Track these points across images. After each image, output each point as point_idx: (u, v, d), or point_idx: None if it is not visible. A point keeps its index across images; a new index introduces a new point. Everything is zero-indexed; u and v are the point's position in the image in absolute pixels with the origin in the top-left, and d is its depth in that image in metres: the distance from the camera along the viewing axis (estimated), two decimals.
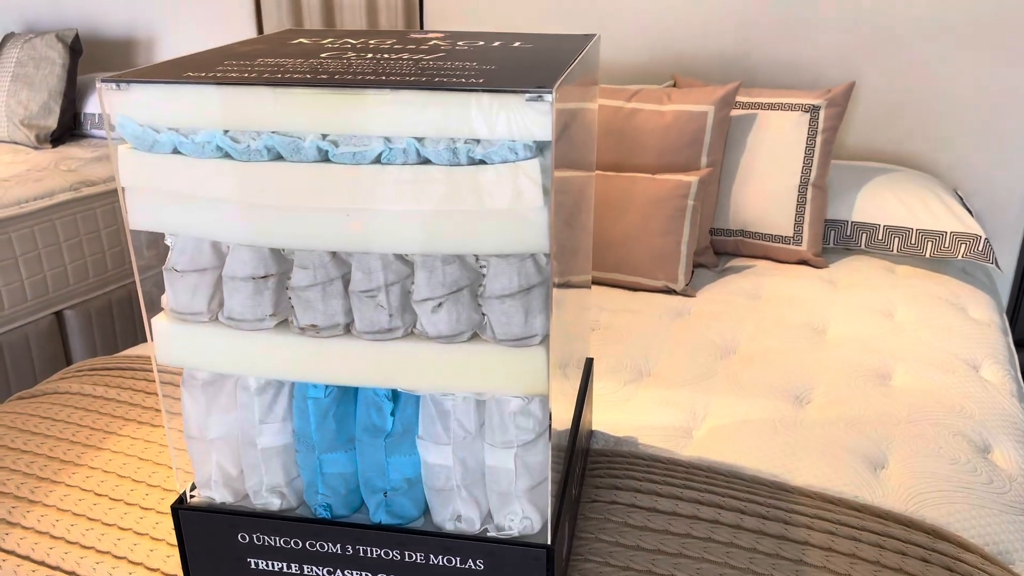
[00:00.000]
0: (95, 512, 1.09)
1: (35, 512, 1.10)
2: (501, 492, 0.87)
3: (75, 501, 1.11)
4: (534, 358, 0.80)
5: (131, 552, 1.03)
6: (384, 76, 0.75)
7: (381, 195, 0.75)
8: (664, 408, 1.35)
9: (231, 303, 0.83)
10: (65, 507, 1.10)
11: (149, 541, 1.05)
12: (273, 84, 0.73)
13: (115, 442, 1.25)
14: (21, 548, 1.04)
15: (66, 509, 1.10)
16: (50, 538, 1.06)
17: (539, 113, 0.70)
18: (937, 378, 1.45)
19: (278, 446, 0.90)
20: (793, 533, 1.03)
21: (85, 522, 1.08)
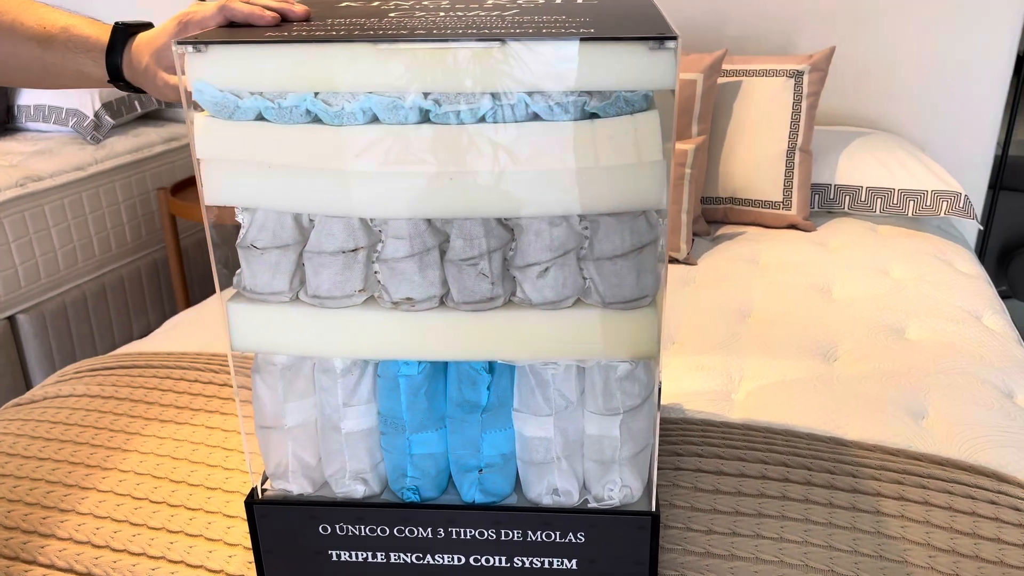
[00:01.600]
0: (138, 516, 1.02)
1: (71, 521, 1.02)
2: (602, 461, 0.84)
3: (113, 507, 1.04)
4: (645, 320, 0.78)
5: (188, 555, 0.96)
6: (486, 29, 0.71)
7: (489, 155, 0.71)
8: (699, 373, 1.35)
9: (317, 280, 0.78)
10: (103, 513, 1.03)
11: (205, 543, 0.98)
12: (374, 40, 0.69)
13: (141, 443, 1.17)
14: (61, 559, 0.97)
15: (104, 516, 1.03)
16: (92, 547, 0.98)
17: (663, 62, 0.68)
18: (949, 329, 1.49)
19: (363, 429, 0.86)
20: (863, 485, 1.04)
21: (129, 528, 1.01)
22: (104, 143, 2.63)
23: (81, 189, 2.49)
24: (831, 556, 0.92)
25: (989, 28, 2.19)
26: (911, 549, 0.93)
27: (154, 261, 2.76)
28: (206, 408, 1.26)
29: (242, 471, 1.10)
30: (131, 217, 2.66)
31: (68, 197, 2.45)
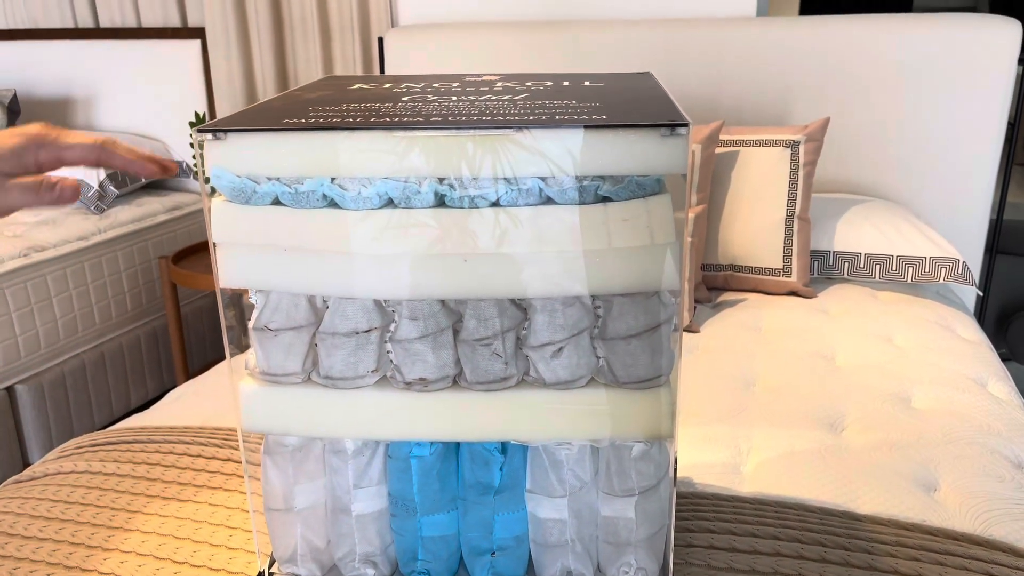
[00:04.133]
0: None
1: None
2: (617, 543, 0.83)
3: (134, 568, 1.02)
4: (659, 399, 0.78)
5: None
6: (500, 116, 0.72)
7: (503, 238, 0.72)
8: (707, 445, 1.33)
9: (330, 361, 0.78)
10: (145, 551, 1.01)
11: None
12: (390, 127, 0.70)
13: (143, 521, 1.15)
14: None
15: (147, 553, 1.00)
16: None
17: (675, 147, 0.69)
18: (955, 398, 1.49)
19: (373, 512, 0.84)
20: (880, 562, 1.02)
21: None
22: (108, 212, 2.65)
23: (84, 258, 2.50)
24: None
25: (980, 96, 2.24)
26: None
27: (154, 329, 2.76)
28: (209, 484, 1.24)
29: (246, 550, 1.08)
30: (132, 286, 2.67)
31: (71, 267, 2.46)
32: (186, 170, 2.95)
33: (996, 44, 2.20)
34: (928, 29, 2.25)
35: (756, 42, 2.35)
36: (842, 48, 2.30)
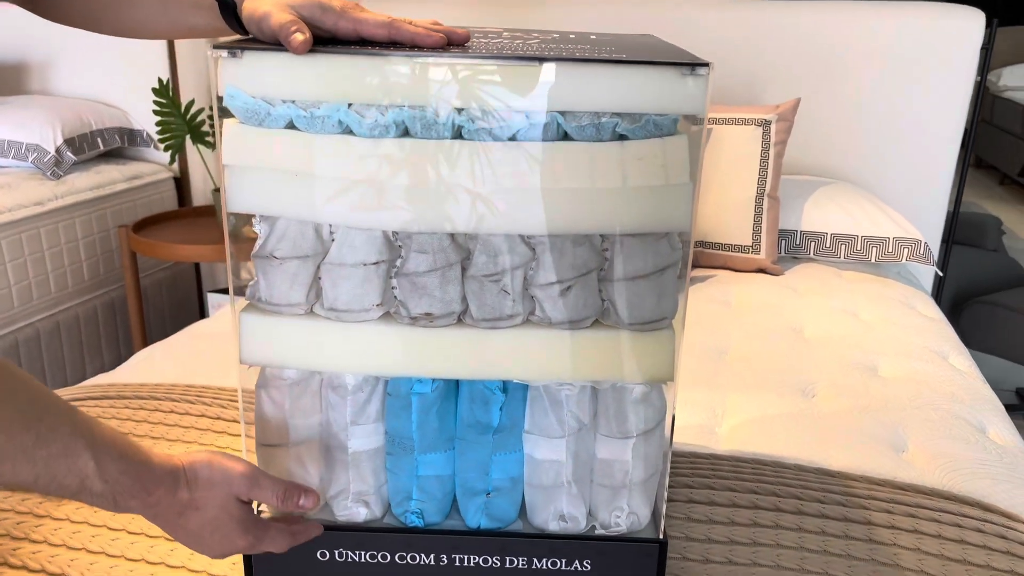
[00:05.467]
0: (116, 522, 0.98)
1: (46, 526, 0.97)
2: (611, 486, 0.84)
3: (89, 512, 1.00)
4: (663, 342, 0.79)
5: (167, 557, 0.92)
6: (523, 51, 0.72)
7: (519, 172, 0.72)
8: (684, 408, 1.36)
9: (335, 292, 0.77)
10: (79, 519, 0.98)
11: (188, 573, 0.94)
12: (415, 55, 0.69)
13: None
14: (34, 561, 0.92)
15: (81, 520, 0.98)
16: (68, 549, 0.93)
17: (695, 87, 0.70)
18: (920, 368, 1.54)
19: (369, 450, 0.84)
20: (854, 514, 1.05)
21: (108, 531, 0.96)
22: (64, 179, 2.55)
23: (40, 224, 2.42)
24: None
25: (943, 85, 2.30)
26: (905, 575, 0.95)
27: (111, 300, 2.68)
28: (183, 439, 1.22)
29: None
30: (90, 255, 2.59)
31: (26, 232, 2.37)
32: (147, 140, 2.87)
33: (960, 33, 2.27)
34: (895, 16, 2.30)
35: (730, 23, 2.38)
36: (813, 32, 2.34)
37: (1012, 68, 6.19)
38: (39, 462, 0.58)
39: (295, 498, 0.78)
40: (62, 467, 0.60)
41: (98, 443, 0.63)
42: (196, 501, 0.71)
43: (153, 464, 0.68)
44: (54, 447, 0.59)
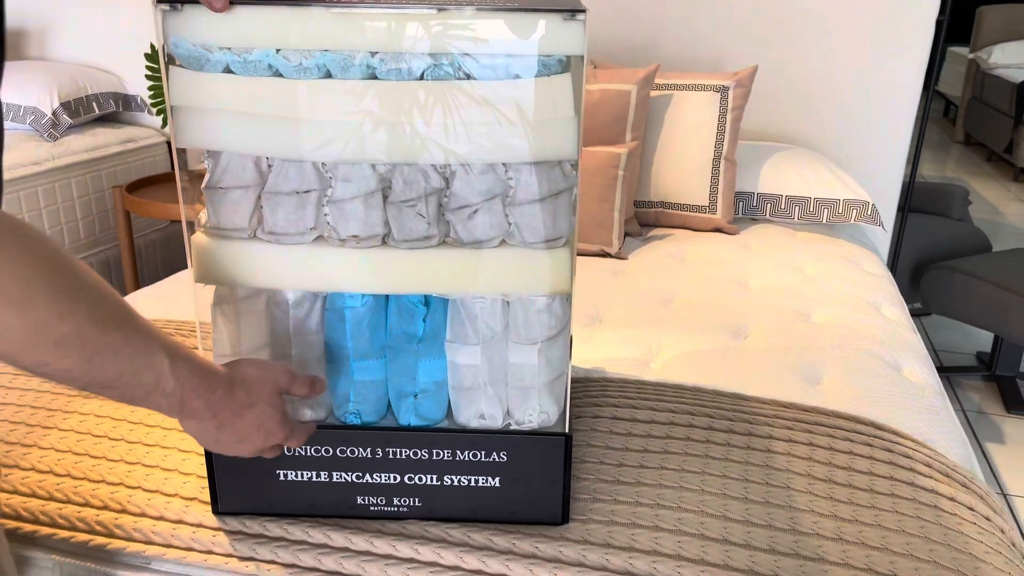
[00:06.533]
0: (97, 450, 1.10)
1: (33, 455, 1.10)
2: (523, 387, 0.96)
3: (74, 442, 1.12)
4: (560, 259, 0.90)
5: (145, 481, 1.05)
6: None
7: (426, 108, 0.83)
8: (622, 344, 1.47)
9: (274, 218, 0.89)
10: (64, 447, 1.11)
11: (161, 472, 1.07)
12: (329, 5, 0.81)
13: None
14: (24, 486, 1.04)
15: (65, 450, 1.11)
16: (54, 475, 1.06)
17: (574, 31, 0.81)
18: (850, 316, 1.65)
19: (310, 358, 0.96)
20: (758, 430, 1.17)
21: (89, 459, 1.09)
22: (61, 141, 2.69)
23: (37, 183, 2.55)
24: (724, 483, 1.05)
25: (899, 61, 2.39)
26: (794, 478, 1.07)
27: (106, 259, 2.81)
28: None
29: None
30: (85, 214, 2.72)
31: (24, 190, 2.50)
32: (141, 104, 2.99)
33: (916, 3, 2.36)
34: None
35: None
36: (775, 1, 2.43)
37: (1003, 46, 6.24)
38: (124, 358, 0.64)
39: (318, 386, 0.88)
40: (142, 364, 0.66)
41: (170, 346, 0.69)
42: (250, 399, 0.79)
43: (214, 366, 0.76)
44: (137, 345, 0.65)
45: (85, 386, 0.64)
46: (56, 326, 0.58)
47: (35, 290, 0.56)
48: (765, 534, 0.96)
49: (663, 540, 0.95)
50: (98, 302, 0.62)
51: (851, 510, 1.01)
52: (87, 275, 0.62)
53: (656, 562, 0.91)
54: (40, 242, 0.58)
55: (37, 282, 0.57)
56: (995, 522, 1.06)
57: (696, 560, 0.92)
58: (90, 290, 0.61)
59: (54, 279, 0.58)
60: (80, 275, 0.61)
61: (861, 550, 0.94)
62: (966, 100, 6.61)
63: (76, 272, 0.61)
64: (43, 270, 0.57)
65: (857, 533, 0.97)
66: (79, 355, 0.61)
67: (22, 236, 0.57)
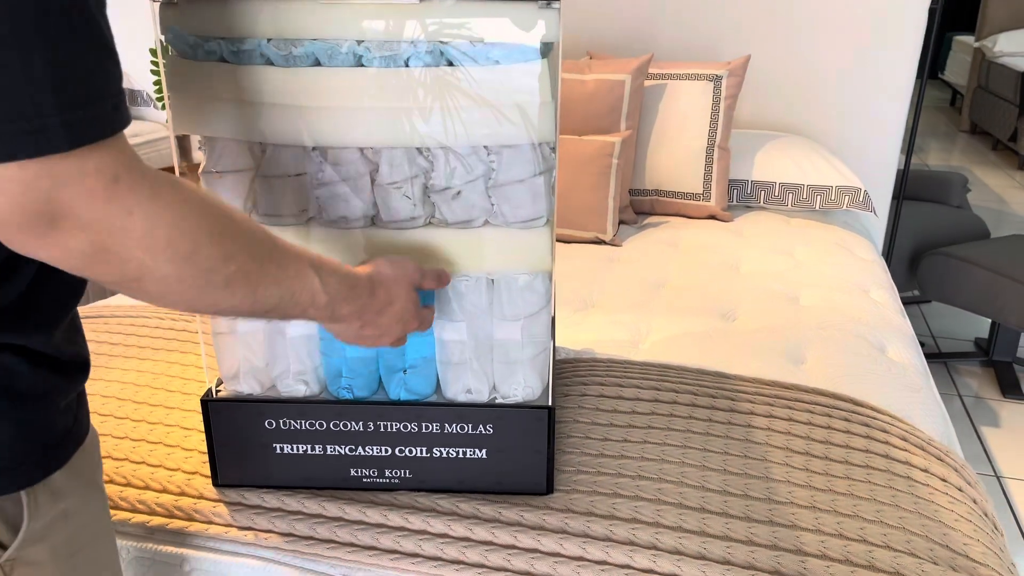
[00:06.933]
0: (104, 429, 1.15)
1: None
2: (507, 362, 1.00)
3: None
4: (541, 238, 0.94)
5: (149, 456, 1.10)
6: None
7: (409, 94, 0.87)
8: (612, 327, 1.51)
9: (267, 200, 0.93)
10: None
11: (164, 448, 1.12)
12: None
13: (106, 373, 1.30)
14: None
15: None
16: None
17: (549, 19, 0.85)
18: (837, 298, 1.68)
19: (305, 335, 1.00)
20: (739, 407, 1.21)
21: None
22: None
23: None
24: (705, 456, 1.09)
25: (894, 48, 2.42)
26: (772, 451, 1.10)
27: None
28: (166, 348, 1.39)
29: (198, 395, 1.24)
30: None
31: None
32: (147, 99, 3.04)
33: None
34: None
35: None
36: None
37: (1008, 34, 6.23)
38: (283, 285, 0.68)
39: (445, 278, 0.92)
40: (298, 287, 0.69)
41: (316, 262, 0.72)
42: (390, 297, 0.83)
43: (356, 272, 0.79)
44: (291, 270, 0.68)
45: (249, 316, 0.68)
46: (222, 269, 0.61)
47: (200, 239, 0.58)
48: (741, 503, 1.00)
49: (643, 509, 0.99)
50: (252, 237, 0.65)
51: (825, 480, 1.05)
52: (235, 212, 0.64)
53: (635, 529, 0.96)
54: (193, 190, 0.60)
55: (200, 231, 0.58)
56: (968, 493, 1.09)
57: (674, 527, 0.96)
58: (243, 227, 0.64)
59: (212, 225, 0.59)
60: (232, 215, 0.63)
61: (833, 517, 0.98)
62: (971, 89, 6.60)
63: (228, 213, 0.63)
64: (203, 217, 0.59)
65: (830, 502, 1.01)
66: (245, 291, 0.64)
67: (178, 188, 0.58)
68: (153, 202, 0.55)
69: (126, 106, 0.55)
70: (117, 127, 0.54)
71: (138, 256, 0.55)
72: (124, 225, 0.54)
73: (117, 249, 0.54)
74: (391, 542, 0.96)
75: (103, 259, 0.55)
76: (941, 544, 0.95)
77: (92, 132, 0.52)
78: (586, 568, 0.91)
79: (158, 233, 0.56)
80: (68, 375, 0.69)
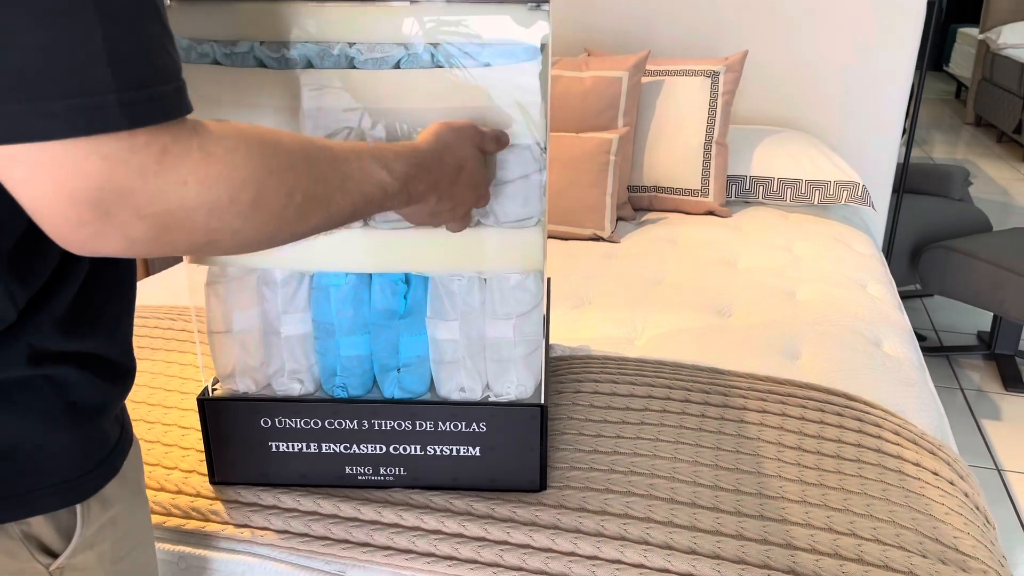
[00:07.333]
0: None
1: None
2: (500, 360, 1.01)
3: None
4: (532, 237, 0.95)
5: (146, 455, 1.11)
6: None
7: (401, 95, 0.88)
8: (608, 324, 1.52)
9: None
10: None
11: (162, 447, 1.13)
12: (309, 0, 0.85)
13: None
14: None
15: None
16: None
17: (539, 19, 0.85)
18: (834, 293, 1.69)
19: (299, 334, 1.01)
20: (732, 403, 1.22)
21: None
22: None
23: None
24: (697, 451, 1.10)
25: (893, 42, 2.41)
26: (764, 446, 1.11)
27: None
28: (165, 347, 1.41)
29: (195, 394, 1.25)
30: None
31: None
32: None
33: None
34: None
35: None
36: None
37: (1012, 26, 6.21)
38: (352, 191, 0.65)
39: (504, 139, 0.89)
40: (367, 186, 0.66)
41: (378, 153, 0.69)
42: (458, 160, 0.80)
43: (420, 147, 0.75)
44: (356, 176, 0.65)
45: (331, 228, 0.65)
46: (290, 204, 0.58)
47: (261, 183, 0.55)
48: (732, 498, 1.01)
49: (634, 504, 1.00)
50: (308, 159, 0.61)
51: (817, 475, 1.05)
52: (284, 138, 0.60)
53: (627, 524, 0.97)
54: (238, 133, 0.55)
55: (259, 176, 0.55)
56: (959, 486, 1.10)
57: (664, 522, 0.97)
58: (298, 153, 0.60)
59: (268, 163, 0.56)
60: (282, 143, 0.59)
61: (823, 511, 0.99)
62: (976, 81, 6.57)
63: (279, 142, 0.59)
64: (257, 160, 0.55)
65: (821, 496, 1.01)
66: (319, 213, 0.61)
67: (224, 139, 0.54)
68: (206, 166, 0.52)
69: (187, 94, 0.53)
70: (177, 112, 0.51)
71: (204, 222, 0.52)
72: (182, 197, 0.51)
73: (181, 223, 0.51)
74: (385, 539, 0.97)
75: (169, 238, 0.52)
76: (931, 537, 0.96)
77: (156, 114, 0.49)
78: (577, 563, 0.92)
79: (218, 194, 0.52)
80: (121, 383, 0.69)
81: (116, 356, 0.67)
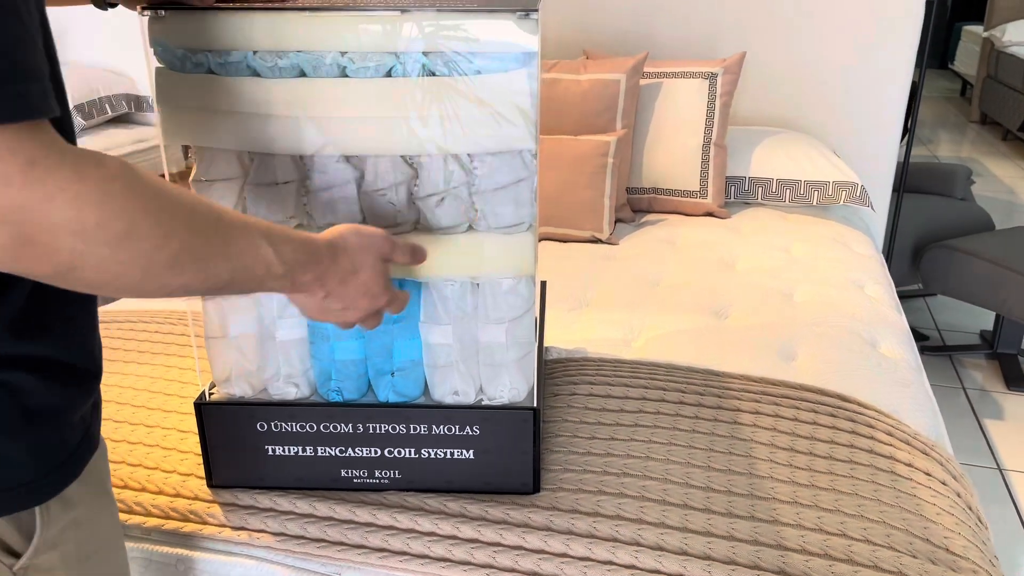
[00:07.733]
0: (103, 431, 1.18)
1: None
2: (493, 364, 1.02)
3: None
4: (523, 243, 0.96)
5: (145, 459, 1.12)
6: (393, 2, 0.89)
7: (393, 104, 0.89)
8: (605, 326, 1.53)
9: (256, 208, 0.95)
10: None
11: (161, 451, 1.14)
12: (301, 10, 0.87)
13: (105, 378, 1.32)
14: None
15: None
16: None
17: (528, 29, 0.86)
18: (832, 294, 1.69)
19: (294, 339, 1.03)
20: (726, 404, 1.22)
21: None
22: None
23: None
24: (689, 453, 1.11)
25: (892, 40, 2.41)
26: (757, 447, 1.12)
27: None
28: (164, 352, 1.42)
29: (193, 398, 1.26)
30: None
31: None
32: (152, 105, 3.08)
33: None
34: None
35: None
36: None
37: (1017, 23, 6.19)
38: (233, 257, 0.63)
39: (419, 254, 0.87)
40: (250, 259, 0.65)
41: (266, 231, 0.67)
42: (354, 265, 0.78)
43: (315, 238, 0.75)
44: (240, 244, 0.64)
45: (204, 293, 0.65)
46: (164, 248, 0.56)
47: (134, 216, 0.54)
48: (724, 499, 1.02)
49: (626, 506, 1.00)
50: (192, 211, 0.60)
51: (809, 476, 1.06)
52: (171, 187, 0.59)
53: (618, 526, 0.97)
54: (122, 167, 0.55)
55: (133, 209, 0.54)
56: (952, 486, 1.10)
57: (656, 524, 0.98)
58: (181, 201, 0.59)
59: (146, 201, 0.55)
60: (167, 189, 0.58)
61: (814, 512, 0.99)
62: (981, 79, 6.55)
63: (162, 187, 0.58)
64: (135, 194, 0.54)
65: (812, 497, 1.02)
66: (193, 268, 0.60)
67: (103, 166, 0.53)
68: (77, 183, 0.50)
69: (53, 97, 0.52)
70: (41, 112, 0.49)
71: (68, 243, 0.51)
72: (47, 212, 0.49)
73: (44, 239, 0.50)
74: (380, 541, 0.98)
75: (29, 253, 0.50)
76: (921, 537, 0.97)
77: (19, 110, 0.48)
78: (569, 564, 0.93)
79: (86, 216, 0.51)
80: (83, 384, 0.69)
81: (73, 359, 0.67)
